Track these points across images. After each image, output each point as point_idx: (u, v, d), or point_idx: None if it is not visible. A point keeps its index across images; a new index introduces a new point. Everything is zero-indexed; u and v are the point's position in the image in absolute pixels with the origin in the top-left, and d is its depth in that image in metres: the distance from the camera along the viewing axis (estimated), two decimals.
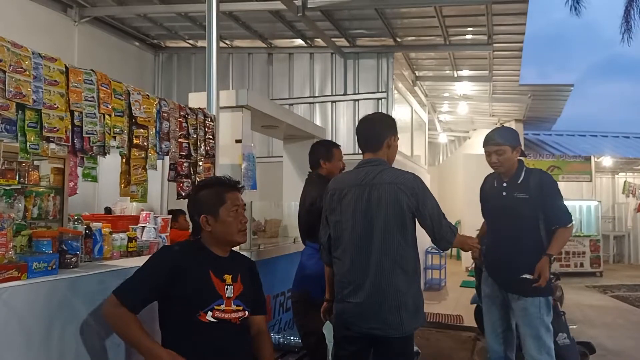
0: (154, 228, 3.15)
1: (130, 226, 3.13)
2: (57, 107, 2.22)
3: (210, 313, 2.08)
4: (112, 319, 2.07)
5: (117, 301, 2.05)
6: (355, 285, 2.39)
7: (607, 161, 12.16)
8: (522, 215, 2.97)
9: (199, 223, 2.20)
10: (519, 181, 3.00)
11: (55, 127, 2.21)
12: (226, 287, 2.16)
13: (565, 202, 3.03)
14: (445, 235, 2.41)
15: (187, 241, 2.34)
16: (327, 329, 2.66)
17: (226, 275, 2.18)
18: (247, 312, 2.21)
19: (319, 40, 7.11)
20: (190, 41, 7.79)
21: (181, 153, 3.13)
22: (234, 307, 2.15)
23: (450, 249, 2.55)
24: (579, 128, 14.50)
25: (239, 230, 2.23)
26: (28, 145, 2.13)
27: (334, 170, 3.72)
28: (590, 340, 4.36)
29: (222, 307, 2.12)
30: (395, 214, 2.36)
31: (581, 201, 11.76)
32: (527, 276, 2.87)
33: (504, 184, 3.06)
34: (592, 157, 11.55)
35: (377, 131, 2.58)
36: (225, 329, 2.12)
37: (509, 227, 3.02)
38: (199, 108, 3.38)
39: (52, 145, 2.26)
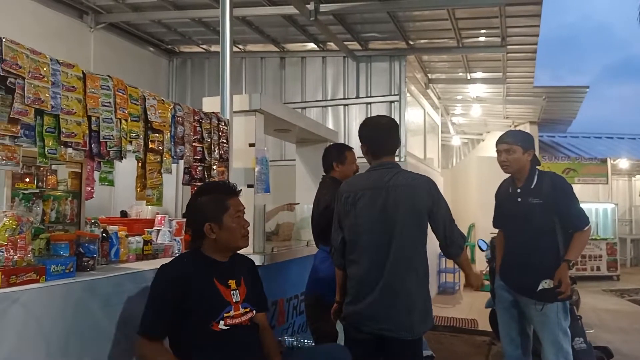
0: (169, 231, 3.19)
1: (145, 229, 3.16)
2: (75, 112, 2.26)
3: (222, 322, 2.12)
4: (152, 358, 2.09)
5: (146, 340, 2.07)
6: (369, 287, 2.41)
7: (623, 163, 12.00)
8: (537, 221, 2.93)
9: (201, 231, 2.20)
10: (532, 186, 2.98)
11: (73, 132, 2.25)
12: (232, 292, 2.19)
13: (582, 205, 3.00)
14: (456, 240, 2.44)
15: (184, 253, 2.35)
16: (339, 330, 2.69)
17: (230, 281, 2.21)
18: (254, 311, 2.27)
19: (331, 44, 7.12)
20: (204, 46, 7.85)
21: (195, 157, 3.16)
22: (242, 310, 2.20)
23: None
24: (595, 130, 14.32)
25: (242, 236, 2.25)
26: (46, 150, 2.17)
27: (348, 173, 3.73)
28: (607, 345, 4.31)
29: (232, 313, 2.15)
30: (411, 216, 2.40)
31: (597, 204, 11.60)
32: (546, 285, 2.82)
33: (518, 190, 3.03)
34: (609, 159, 11.39)
35: (394, 137, 2.62)
36: (237, 332, 2.15)
37: (525, 233, 2.98)
38: (213, 112, 3.41)
39: (70, 150, 2.29)
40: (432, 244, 2.54)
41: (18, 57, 2.02)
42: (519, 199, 3.01)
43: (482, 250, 4.67)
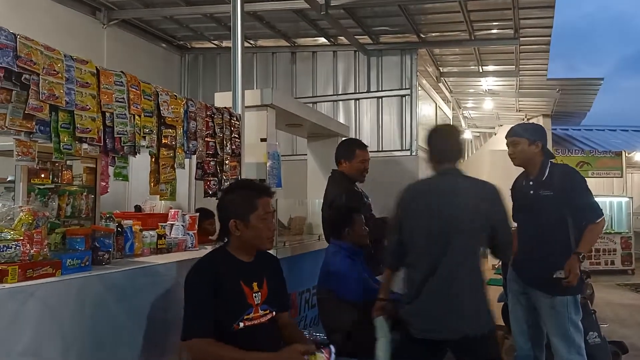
0: (182, 225, 3.21)
1: (159, 224, 3.19)
2: (89, 108, 2.29)
3: (241, 324, 2.12)
4: (205, 356, 2.05)
5: (195, 341, 2.03)
6: (426, 290, 2.43)
7: (638, 156, 11.83)
8: (548, 213, 2.93)
9: (227, 227, 2.18)
10: (544, 178, 2.97)
11: (88, 128, 2.27)
12: (254, 294, 2.18)
13: (596, 199, 2.97)
14: (510, 246, 2.56)
15: (214, 252, 2.33)
16: (380, 324, 2.66)
17: (254, 283, 2.20)
18: (274, 313, 2.26)
19: (342, 38, 7.10)
20: (216, 42, 7.87)
21: (208, 152, 3.18)
22: (261, 312, 2.19)
23: None
24: (609, 123, 14.11)
25: (268, 238, 2.21)
26: (62, 146, 2.19)
27: (353, 171, 3.75)
28: (623, 340, 4.27)
29: (251, 314, 2.15)
30: (473, 219, 2.44)
31: (612, 197, 11.45)
32: (559, 274, 2.81)
33: (530, 182, 3.03)
34: (623, 152, 11.24)
35: (456, 144, 2.64)
36: (255, 331, 2.16)
37: (536, 225, 2.98)
38: (225, 107, 3.43)
39: (85, 146, 2.32)
40: None
41: (32, 54, 2.04)
42: (531, 192, 3.01)
43: None
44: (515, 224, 3.32)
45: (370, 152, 3.98)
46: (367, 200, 3.89)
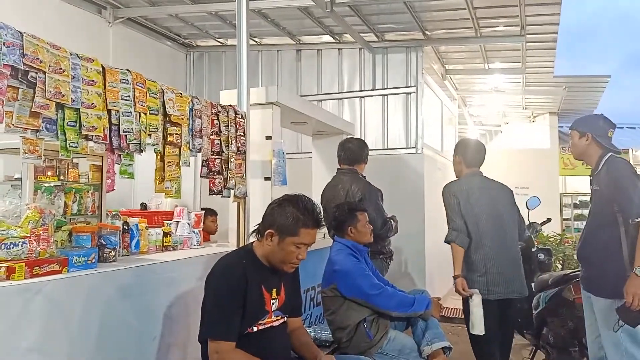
0: (188, 223, 3.23)
1: (165, 221, 3.21)
2: (95, 106, 2.29)
3: (255, 327, 2.13)
4: None
5: (223, 344, 2.01)
6: (492, 262, 3.29)
7: None
8: (596, 210, 2.79)
9: (264, 231, 2.16)
10: (597, 172, 2.80)
11: (94, 126, 2.28)
12: (272, 301, 2.20)
13: None
14: (524, 228, 3.64)
15: (240, 252, 2.32)
16: (475, 296, 3.25)
17: (274, 289, 2.21)
18: (285, 317, 2.28)
19: (347, 35, 7.08)
20: (221, 40, 7.87)
21: (213, 150, 3.18)
22: (274, 317, 2.21)
23: None
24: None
25: (290, 263, 2.17)
26: (68, 144, 2.19)
27: (361, 171, 3.96)
28: None
29: (265, 319, 2.17)
30: (509, 207, 3.48)
31: None
32: (618, 304, 2.51)
33: (591, 178, 2.88)
34: (630, 150, 11.16)
35: (482, 153, 3.64)
36: (266, 333, 2.17)
37: (589, 222, 2.87)
38: (230, 105, 3.43)
39: (91, 144, 2.32)
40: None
41: (39, 52, 2.05)
42: (591, 187, 2.86)
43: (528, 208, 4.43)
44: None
45: (375, 149, 4.03)
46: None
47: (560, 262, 7.03)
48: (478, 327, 3.18)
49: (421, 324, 3.04)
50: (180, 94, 2.87)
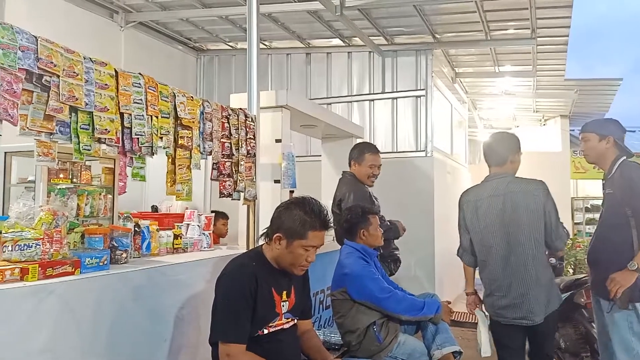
0: (198, 225, 3.24)
1: (175, 224, 3.23)
2: (108, 109, 2.32)
3: (265, 330, 2.14)
4: None
5: (235, 347, 2.01)
6: (498, 282, 2.79)
7: None
8: (608, 213, 2.77)
9: (273, 235, 2.16)
10: (610, 175, 2.79)
11: (106, 129, 2.30)
12: (282, 303, 2.20)
13: None
14: (561, 235, 2.78)
15: (251, 254, 2.31)
16: (480, 315, 2.99)
17: (284, 292, 2.21)
18: (295, 320, 2.28)
19: (356, 39, 7.10)
20: (231, 43, 7.93)
21: (223, 153, 3.20)
22: (284, 320, 2.22)
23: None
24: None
25: (300, 266, 2.17)
26: (81, 146, 2.22)
27: (362, 174, 3.81)
28: None
29: (275, 322, 2.17)
30: (528, 216, 2.74)
31: None
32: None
33: (604, 182, 2.87)
34: None
35: (500, 149, 2.92)
36: (276, 335, 2.18)
37: (600, 225, 2.86)
38: (240, 109, 3.45)
39: (104, 146, 2.34)
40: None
41: (53, 56, 2.07)
42: (603, 190, 2.86)
43: None
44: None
45: (385, 152, 4.00)
46: (376, 201, 3.89)
47: (572, 266, 6.96)
48: (483, 347, 2.92)
49: (431, 327, 3.03)
50: (192, 97, 2.89)
